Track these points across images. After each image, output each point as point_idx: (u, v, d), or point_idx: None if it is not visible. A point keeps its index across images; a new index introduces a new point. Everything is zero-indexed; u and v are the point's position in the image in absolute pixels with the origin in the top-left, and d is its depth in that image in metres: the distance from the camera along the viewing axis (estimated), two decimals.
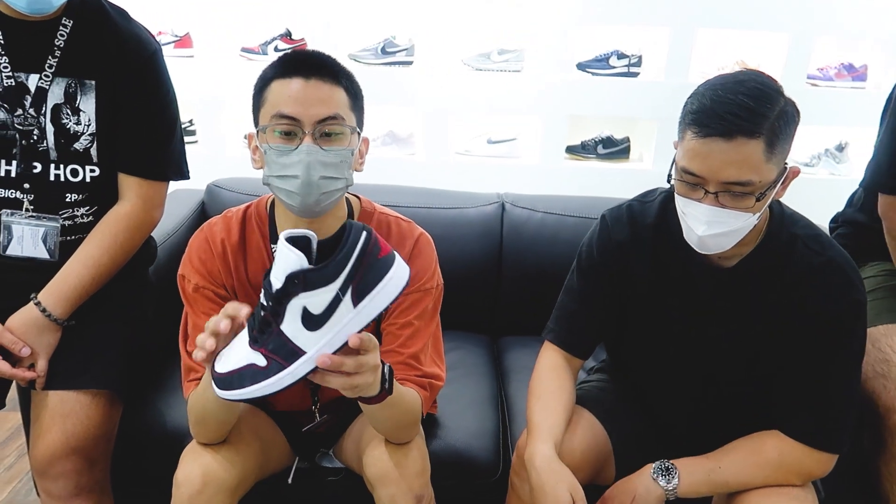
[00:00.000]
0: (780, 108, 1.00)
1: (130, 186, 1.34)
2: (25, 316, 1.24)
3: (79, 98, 1.27)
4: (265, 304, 0.84)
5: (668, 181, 1.08)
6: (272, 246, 1.17)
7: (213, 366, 0.88)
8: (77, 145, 1.29)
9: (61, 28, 1.25)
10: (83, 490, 1.23)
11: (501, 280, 1.78)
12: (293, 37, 2.48)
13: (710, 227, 1.03)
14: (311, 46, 2.46)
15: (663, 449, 1.24)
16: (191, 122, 2.58)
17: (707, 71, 2.51)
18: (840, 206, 1.66)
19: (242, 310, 0.88)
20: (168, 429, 1.35)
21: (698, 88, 1.05)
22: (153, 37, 1.36)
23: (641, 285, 1.20)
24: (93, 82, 1.27)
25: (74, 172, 1.30)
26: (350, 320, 0.82)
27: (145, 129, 1.32)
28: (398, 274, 0.84)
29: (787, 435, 1.12)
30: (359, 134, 1.11)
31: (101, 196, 1.33)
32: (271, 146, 1.05)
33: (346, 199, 1.20)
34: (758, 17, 2.37)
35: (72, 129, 1.28)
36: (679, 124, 1.06)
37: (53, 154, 1.28)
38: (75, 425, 1.21)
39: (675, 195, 1.07)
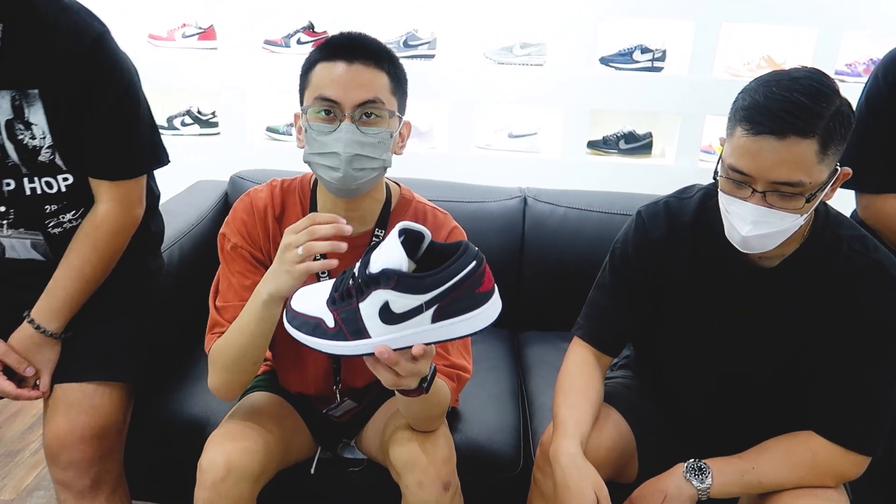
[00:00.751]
0: (836, 109, 0.97)
1: (102, 190, 1.25)
2: (23, 335, 1.22)
3: (27, 111, 1.17)
4: (356, 277, 0.84)
5: (714, 177, 1.05)
6: None
7: (288, 300, 0.94)
8: (41, 158, 1.20)
9: None
10: (94, 481, 1.22)
11: (523, 275, 1.77)
12: (316, 29, 2.48)
13: (755, 227, 1.00)
14: None
15: (688, 448, 1.23)
16: (213, 113, 2.60)
17: (732, 66, 2.48)
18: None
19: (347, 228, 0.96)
20: (191, 416, 1.36)
21: (750, 84, 1.02)
22: (94, 18, 1.20)
23: (678, 283, 1.18)
24: (35, 91, 1.16)
25: (49, 184, 1.23)
26: (423, 331, 0.84)
27: (103, 127, 1.21)
28: (488, 313, 0.84)
29: (822, 436, 1.10)
30: (399, 118, 1.13)
31: (83, 198, 1.26)
32: (312, 125, 1.08)
33: (387, 184, 1.22)
34: (785, 11, 2.33)
35: (29, 144, 1.19)
36: (728, 120, 1.03)
37: (24, 169, 1.20)
38: (80, 414, 1.20)
39: (720, 193, 1.04)
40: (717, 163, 1.04)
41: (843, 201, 1.49)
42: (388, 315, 0.83)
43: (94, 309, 1.27)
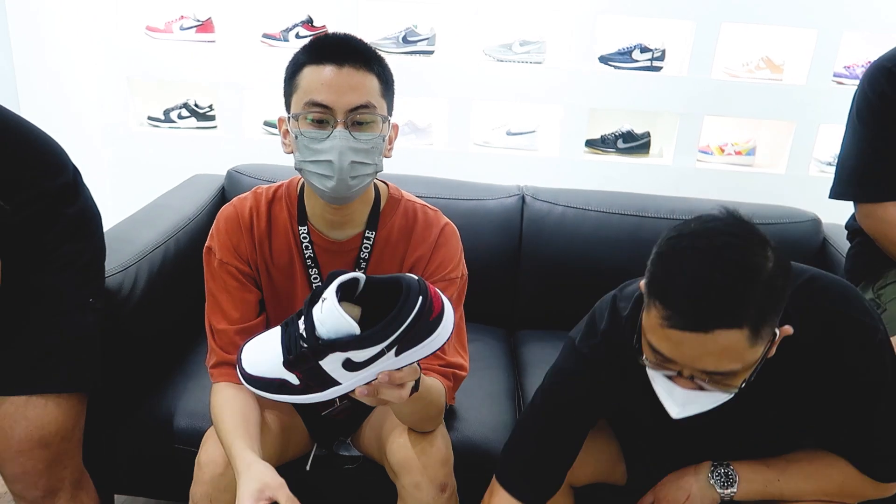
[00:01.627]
0: (765, 283, 0.82)
1: None
2: None
3: None
4: (304, 345, 0.83)
5: (634, 345, 0.93)
6: (299, 228, 1.18)
7: (239, 359, 0.91)
8: None
9: None
10: (47, 490, 1.16)
11: (520, 273, 1.77)
12: (314, 24, 2.47)
13: (685, 409, 0.91)
14: None
15: (677, 447, 1.22)
16: (210, 107, 2.59)
17: (731, 66, 2.48)
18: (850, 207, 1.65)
19: None
20: (189, 412, 1.35)
21: (664, 247, 0.87)
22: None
23: (642, 405, 1.05)
24: None
25: None
26: (389, 364, 0.86)
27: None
28: (443, 331, 0.86)
29: (856, 468, 1.06)
30: (388, 121, 1.11)
31: None
32: (304, 132, 1.05)
33: (375, 185, 1.20)
34: (784, 12, 2.33)
35: None
36: (645, 285, 0.89)
37: None
38: (13, 427, 1.11)
39: (646, 363, 0.93)
40: (637, 331, 0.93)
41: (841, 206, 1.51)
42: (352, 365, 0.84)
43: (14, 313, 1.13)
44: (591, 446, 1.15)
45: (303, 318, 0.84)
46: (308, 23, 2.46)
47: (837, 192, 1.47)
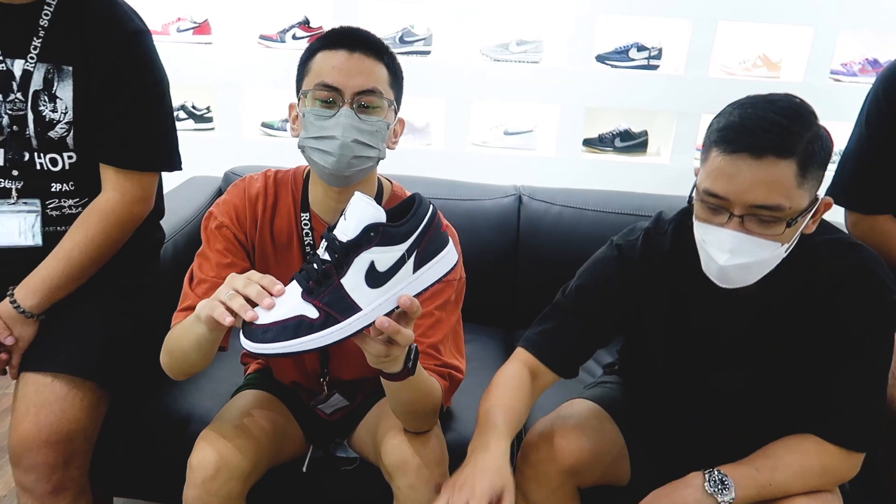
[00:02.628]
0: (815, 132, 0.94)
1: (108, 177, 1.27)
2: (1, 308, 1.22)
3: (56, 84, 1.22)
4: (328, 258, 0.84)
5: (689, 202, 1.02)
6: (302, 214, 1.19)
7: (242, 330, 0.87)
8: (52, 133, 1.24)
9: (45, 7, 1.20)
10: (56, 487, 1.18)
11: (517, 273, 1.77)
12: (311, 25, 2.47)
13: (733, 256, 0.96)
14: None
15: (678, 450, 1.23)
16: (208, 108, 2.59)
17: (728, 65, 2.48)
18: None
19: (276, 286, 0.88)
20: (182, 414, 1.35)
21: (725, 108, 0.98)
22: (138, 18, 1.28)
23: (665, 313, 1.14)
24: (70, 68, 1.21)
25: (53, 161, 1.25)
26: (407, 284, 0.85)
27: (122, 115, 1.25)
28: (451, 252, 0.89)
29: (825, 439, 1.07)
30: (395, 111, 1.14)
31: (90, 187, 1.28)
32: (312, 111, 1.08)
33: (379, 180, 1.22)
34: (781, 11, 2.33)
35: (48, 116, 1.22)
36: (703, 146, 0.99)
37: (34, 142, 1.23)
38: (48, 416, 1.16)
39: (695, 223, 1.00)
40: (692, 189, 1.01)
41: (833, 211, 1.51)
42: (374, 277, 0.83)
43: (80, 302, 1.26)
44: (598, 447, 1.16)
45: (322, 246, 0.85)
46: (305, 24, 2.47)
47: (833, 193, 1.45)
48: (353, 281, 0.83)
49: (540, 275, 1.76)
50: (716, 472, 1.06)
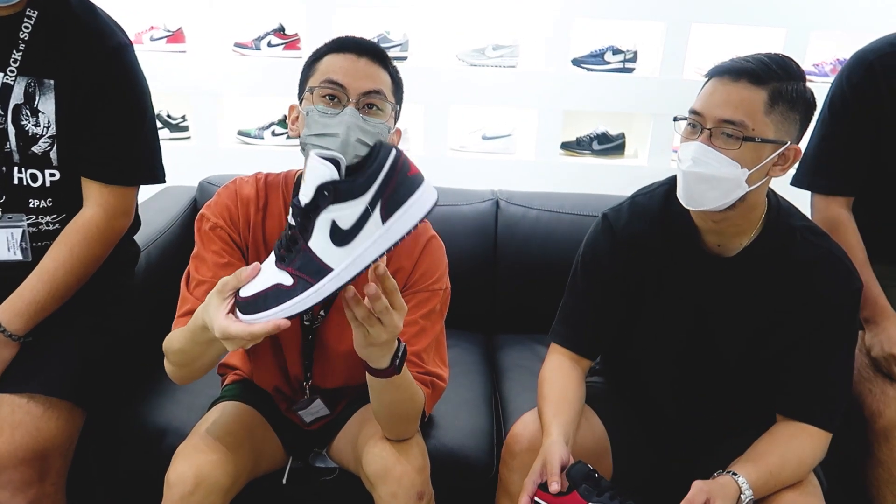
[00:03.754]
0: (796, 84, 1.05)
1: (91, 192, 1.26)
2: None
3: (38, 98, 1.20)
4: (292, 222, 0.83)
5: (675, 119, 1.13)
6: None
7: (237, 294, 0.86)
8: (35, 148, 1.22)
9: (25, 20, 1.18)
10: (31, 502, 1.17)
11: (496, 278, 1.77)
12: (286, 32, 2.46)
13: (695, 164, 1.06)
14: (304, 41, 2.44)
15: (658, 449, 1.24)
16: (183, 117, 2.56)
17: (703, 67, 2.50)
18: None
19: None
20: (158, 428, 1.33)
21: None
22: (121, 31, 1.28)
23: (649, 277, 1.20)
24: (52, 81, 1.20)
25: (34, 177, 1.24)
26: (379, 237, 0.81)
27: (106, 129, 1.24)
28: (427, 193, 0.82)
29: (810, 423, 1.12)
30: (396, 118, 1.15)
31: (68, 203, 1.27)
32: (317, 108, 1.09)
33: None
34: (753, 13, 2.36)
35: (30, 130, 1.21)
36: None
37: (16, 157, 1.22)
38: (23, 436, 1.14)
39: (680, 137, 1.11)
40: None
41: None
42: (339, 236, 0.80)
43: (58, 321, 1.24)
44: (581, 441, 1.18)
45: (290, 214, 0.83)
46: (280, 31, 2.45)
47: (796, 180, 1.48)
48: (319, 243, 0.81)
49: (519, 279, 1.77)
50: (738, 477, 1.06)
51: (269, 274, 0.84)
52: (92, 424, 1.30)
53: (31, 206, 1.24)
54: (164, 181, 1.36)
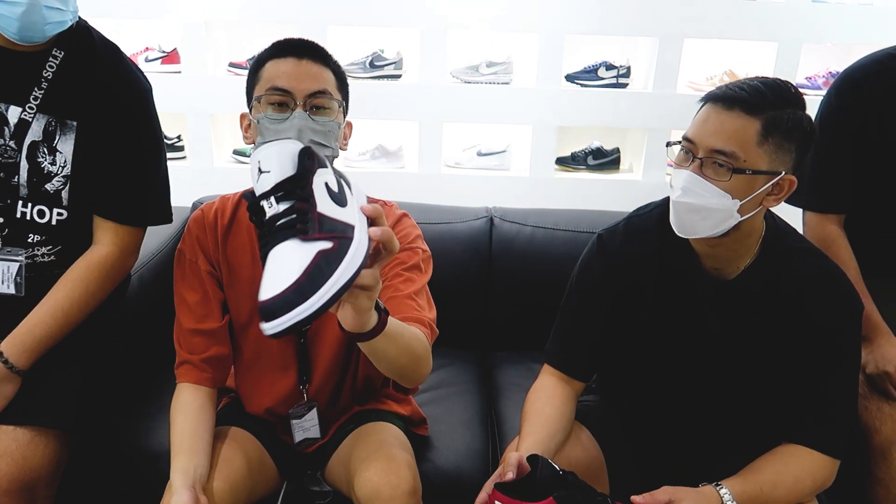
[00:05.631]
0: (793, 112, 1.03)
1: (106, 232, 1.28)
2: None
3: (57, 138, 1.22)
4: (287, 205, 0.77)
5: (668, 146, 1.13)
6: None
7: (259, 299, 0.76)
8: (49, 186, 1.23)
9: (51, 59, 1.19)
10: None
11: (491, 295, 1.77)
12: None
13: (684, 193, 1.04)
14: None
15: (655, 464, 1.23)
16: (179, 137, 2.57)
17: (695, 81, 2.51)
18: None
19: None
20: (151, 453, 1.32)
21: None
22: (144, 77, 1.31)
23: (645, 299, 1.18)
24: (74, 123, 1.22)
25: (41, 213, 1.24)
26: (357, 194, 0.85)
27: (126, 173, 1.27)
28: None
29: (812, 448, 1.10)
30: (344, 113, 1.17)
31: (66, 238, 1.28)
32: (266, 115, 1.10)
33: None
34: (745, 27, 2.37)
35: (46, 168, 1.22)
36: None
37: (24, 191, 1.22)
38: (9, 465, 1.13)
39: (673, 160, 1.10)
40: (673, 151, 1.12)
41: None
42: (336, 197, 0.80)
43: (52, 350, 1.23)
44: (576, 459, 1.17)
45: (269, 203, 0.79)
46: None
47: (790, 197, 1.48)
48: (326, 206, 0.79)
49: (514, 296, 1.76)
50: (725, 491, 1.06)
51: (301, 251, 0.74)
52: (81, 450, 1.28)
53: (28, 240, 1.25)
54: (171, 221, 1.39)
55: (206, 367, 1.19)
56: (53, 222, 1.25)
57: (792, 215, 1.35)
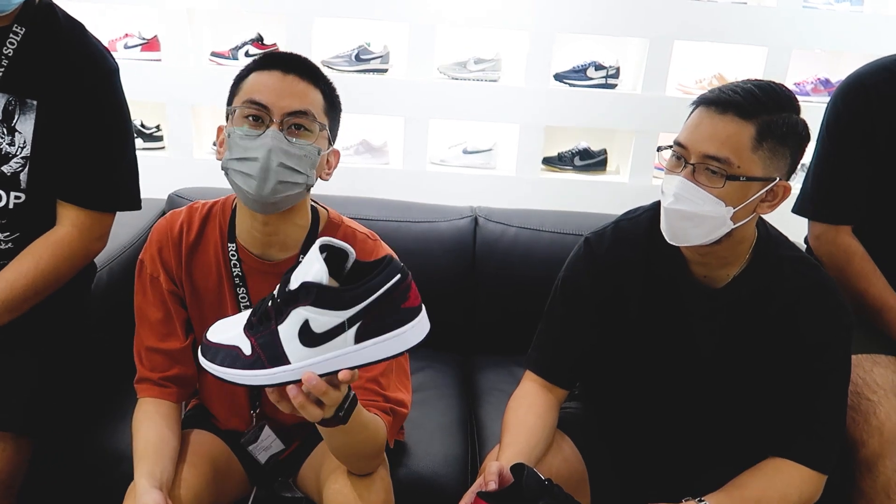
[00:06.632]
0: (787, 116, 0.99)
1: (68, 215, 1.23)
2: None
3: (17, 117, 1.16)
4: (275, 296, 0.80)
5: (659, 150, 1.11)
6: (229, 245, 1.13)
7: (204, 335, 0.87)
8: (6, 168, 1.18)
9: (11, 36, 1.14)
10: None
11: (474, 297, 1.73)
12: (265, 42, 2.42)
13: (676, 201, 1.01)
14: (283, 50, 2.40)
15: (638, 475, 1.20)
16: (158, 127, 2.51)
17: (685, 83, 2.49)
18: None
19: None
20: (114, 455, 1.26)
21: None
22: (110, 56, 1.25)
23: (632, 306, 1.15)
24: (35, 102, 1.16)
25: None
26: (345, 354, 0.78)
27: (90, 155, 1.21)
28: (415, 330, 0.79)
29: (800, 463, 1.08)
30: (330, 140, 1.08)
31: (24, 224, 1.22)
32: (237, 130, 1.03)
33: (314, 208, 1.16)
34: (735, 31, 2.35)
35: (3, 149, 1.17)
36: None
37: None
38: None
39: (664, 165, 1.06)
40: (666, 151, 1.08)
41: (801, 222, 1.50)
42: (308, 336, 0.78)
43: (3, 344, 1.18)
44: (557, 469, 1.13)
45: (279, 283, 0.81)
46: (258, 41, 2.41)
47: (799, 208, 1.45)
48: (288, 332, 0.79)
49: (497, 298, 1.73)
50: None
51: (236, 331, 0.83)
52: (44, 453, 1.23)
53: None
54: (139, 208, 1.33)
55: (168, 384, 1.13)
56: (11, 206, 1.20)
57: (782, 222, 1.32)
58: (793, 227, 1.61)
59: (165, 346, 1.13)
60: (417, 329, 0.79)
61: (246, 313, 0.85)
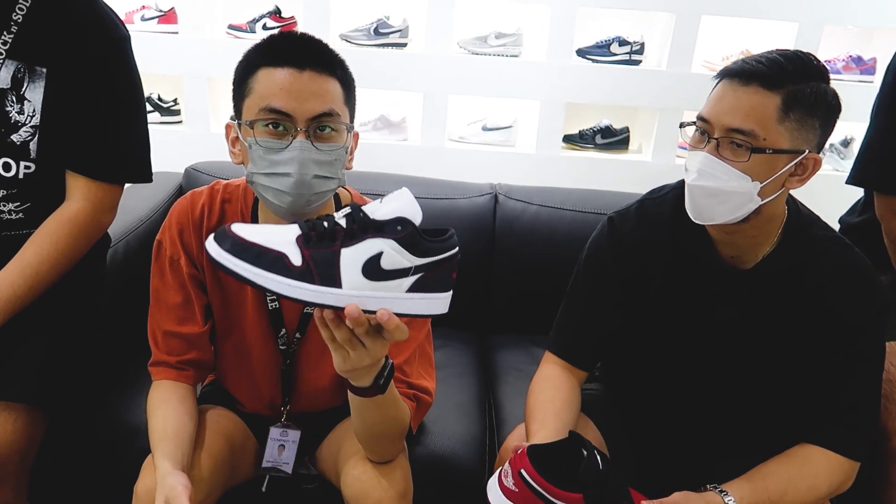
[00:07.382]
0: (815, 85, 0.95)
1: (78, 186, 1.21)
2: None
3: (26, 85, 1.14)
4: (343, 224, 0.78)
5: (681, 126, 1.07)
6: None
7: (230, 229, 0.78)
8: (15, 137, 1.16)
9: (21, 2, 1.12)
10: None
11: (493, 275, 1.71)
12: (283, 14, 2.38)
13: (700, 177, 0.98)
14: (301, 25, 2.36)
15: (657, 460, 1.18)
16: (175, 101, 2.49)
17: (711, 60, 2.43)
18: (842, 202, 1.59)
19: None
20: (131, 429, 1.25)
21: None
22: (121, 23, 1.23)
23: (657, 287, 1.12)
24: (44, 70, 1.15)
25: (6, 167, 1.17)
26: (394, 298, 0.79)
27: (99, 125, 1.19)
28: (443, 300, 0.82)
29: (832, 450, 1.04)
30: (351, 130, 1.02)
31: (35, 194, 1.21)
32: (259, 142, 0.95)
33: (336, 192, 1.13)
34: (765, 6, 2.28)
35: (13, 118, 1.15)
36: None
37: None
38: None
39: (687, 142, 1.03)
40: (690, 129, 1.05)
41: (830, 202, 1.45)
42: (372, 268, 0.77)
43: (17, 317, 1.16)
44: None
45: (346, 209, 0.79)
46: (276, 13, 2.37)
47: (858, 179, 1.38)
48: (351, 257, 0.77)
49: (516, 277, 1.70)
50: (723, 494, 1.01)
51: (283, 239, 0.78)
52: (59, 426, 1.23)
53: None
54: (151, 180, 1.31)
55: (184, 366, 1.11)
56: (21, 176, 1.18)
57: (815, 204, 1.28)
58: (824, 210, 1.57)
59: (183, 330, 1.10)
60: (446, 300, 0.83)
61: (284, 227, 0.80)
